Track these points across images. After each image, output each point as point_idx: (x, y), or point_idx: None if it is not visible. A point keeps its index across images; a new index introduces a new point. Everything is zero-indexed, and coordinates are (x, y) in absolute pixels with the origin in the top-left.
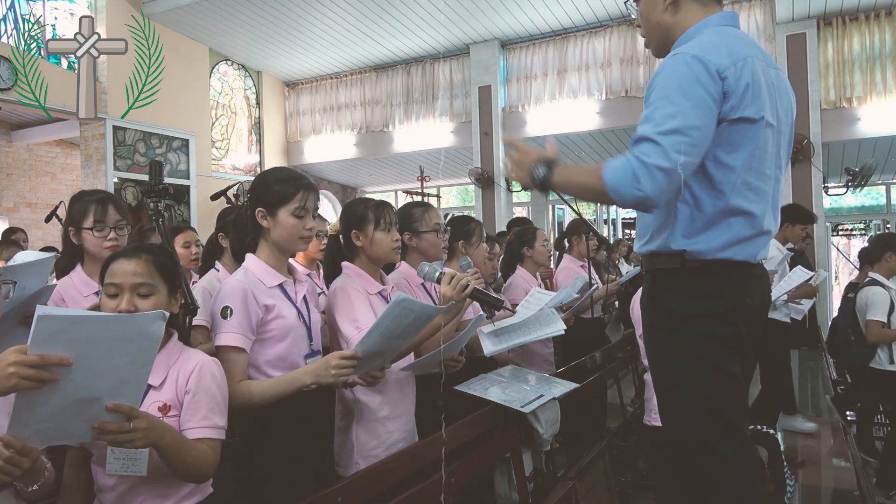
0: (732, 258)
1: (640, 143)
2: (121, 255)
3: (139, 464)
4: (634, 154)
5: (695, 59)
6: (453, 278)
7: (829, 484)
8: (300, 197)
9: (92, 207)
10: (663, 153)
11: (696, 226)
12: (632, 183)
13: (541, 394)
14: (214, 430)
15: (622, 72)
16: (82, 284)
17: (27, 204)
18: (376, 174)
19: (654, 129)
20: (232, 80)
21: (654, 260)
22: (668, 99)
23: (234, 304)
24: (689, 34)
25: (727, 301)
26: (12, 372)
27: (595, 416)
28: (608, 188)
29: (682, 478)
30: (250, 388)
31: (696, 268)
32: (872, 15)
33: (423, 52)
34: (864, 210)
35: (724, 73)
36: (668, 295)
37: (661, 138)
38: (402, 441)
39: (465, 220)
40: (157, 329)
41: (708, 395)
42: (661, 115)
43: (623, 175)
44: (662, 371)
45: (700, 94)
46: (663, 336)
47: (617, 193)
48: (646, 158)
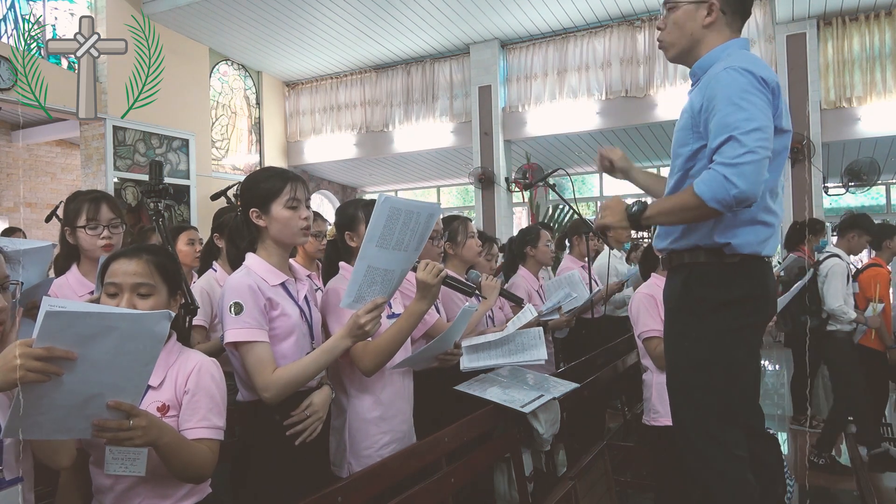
0: (762, 253)
1: (722, 147)
2: (121, 255)
3: (138, 464)
4: (719, 161)
5: (746, 71)
6: (428, 264)
7: (829, 484)
8: (289, 189)
9: (85, 206)
10: (748, 149)
11: (735, 222)
12: (725, 186)
13: (541, 394)
14: (213, 431)
15: (622, 72)
16: (78, 284)
17: (27, 204)
18: (376, 174)
19: (734, 132)
20: (232, 80)
21: (687, 255)
22: (735, 105)
23: (243, 298)
24: (716, 53)
25: (755, 293)
26: (19, 364)
27: (595, 416)
28: (705, 199)
29: (687, 471)
30: (291, 372)
31: (734, 263)
32: (872, 15)
33: (423, 52)
34: (864, 210)
35: (770, 84)
36: (703, 287)
37: (743, 137)
38: (396, 442)
39: (447, 220)
40: (162, 328)
41: (719, 385)
42: (736, 119)
43: (714, 182)
44: (683, 360)
45: (762, 99)
46: (693, 326)
47: (715, 200)
48: (731, 160)
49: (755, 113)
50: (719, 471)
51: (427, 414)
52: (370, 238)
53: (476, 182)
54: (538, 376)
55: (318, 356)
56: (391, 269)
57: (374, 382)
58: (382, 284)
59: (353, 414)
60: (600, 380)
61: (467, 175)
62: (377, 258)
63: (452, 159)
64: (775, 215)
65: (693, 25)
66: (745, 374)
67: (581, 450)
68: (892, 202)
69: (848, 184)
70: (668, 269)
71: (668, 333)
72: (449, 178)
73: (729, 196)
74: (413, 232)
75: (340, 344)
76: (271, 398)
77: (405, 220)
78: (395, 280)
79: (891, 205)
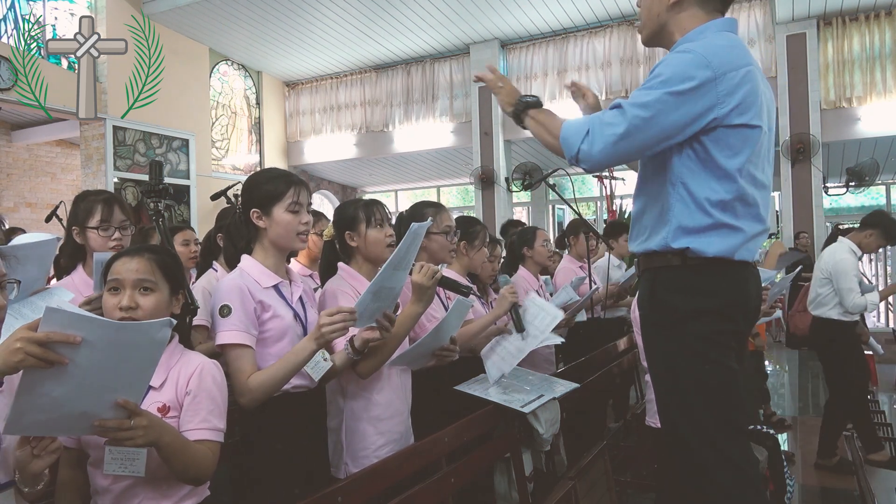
0: (732, 257)
1: (611, 108)
2: (124, 254)
3: (137, 464)
4: (598, 116)
5: (697, 54)
6: (423, 266)
7: (829, 484)
8: (292, 192)
9: (98, 207)
10: (622, 121)
11: (697, 225)
12: (582, 137)
13: (541, 394)
14: (213, 433)
15: (622, 72)
16: (84, 285)
17: (27, 204)
18: (376, 174)
19: (627, 100)
20: (232, 80)
21: (654, 258)
22: (656, 80)
23: (231, 301)
24: (691, 37)
25: (728, 299)
26: (19, 347)
27: (595, 416)
28: (561, 134)
29: (688, 480)
30: (262, 377)
31: (697, 265)
32: (872, 15)
33: (423, 52)
34: (864, 210)
35: (723, 74)
36: (669, 293)
37: (628, 108)
38: (393, 443)
39: (472, 221)
40: (163, 336)
41: (712, 394)
42: (640, 92)
43: (579, 128)
44: (664, 372)
45: (688, 86)
46: (664, 335)
47: (566, 142)
48: (606, 119)
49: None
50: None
51: (426, 414)
52: (393, 264)
53: (476, 182)
54: (538, 376)
55: (286, 360)
56: (393, 286)
57: (371, 383)
58: (383, 300)
59: (349, 415)
60: (600, 380)
61: (467, 175)
62: (389, 279)
63: (452, 159)
64: (750, 217)
65: (658, 7)
66: (733, 379)
67: (581, 450)
68: (892, 202)
69: (848, 184)
70: (638, 273)
71: (647, 349)
72: (449, 178)
73: (574, 147)
74: (414, 250)
75: (307, 346)
76: (246, 403)
77: (413, 241)
78: (393, 295)
79: (891, 205)
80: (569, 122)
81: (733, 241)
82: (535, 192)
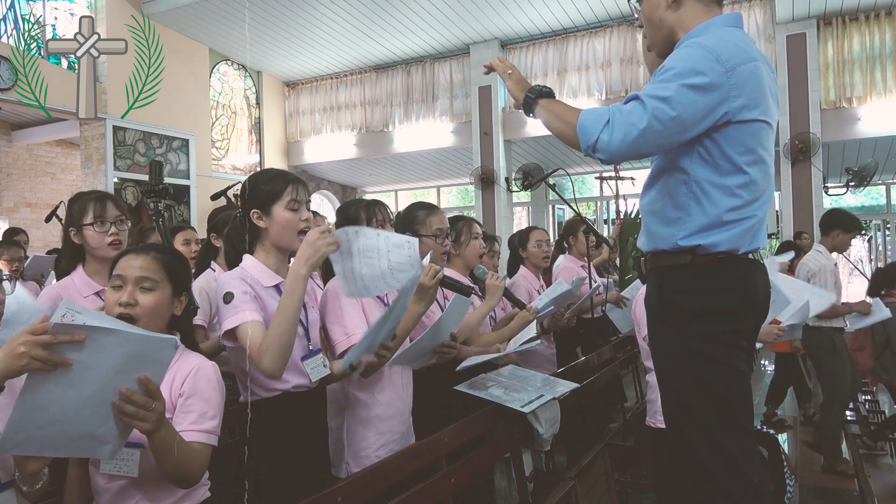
0: (740, 252)
1: (628, 101)
2: (131, 251)
3: (130, 464)
4: (618, 106)
5: (706, 48)
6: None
7: (829, 484)
8: (290, 190)
9: (91, 205)
10: (643, 113)
11: (708, 221)
12: (602, 126)
13: (541, 394)
14: (205, 435)
15: (622, 72)
16: (83, 285)
17: (27, 204)
18: (376, 174)
19: (644, 93)
20: (232, 80)
21: (663, 257)
22: (669, 73)
23: (232, 287)
24: (696, 32)
25: (735, 296)
26: (23, 351)
27: (595, 416)
28: (578, 122)
29: (691, 480)
30: (269, 335)
31: (705, 263)
32: (872, 15)
33: (423, 52)
34: (864, 210)
35: (733, 69)
36: (676, 293)
37: (647, 100)
38: (394, 442)
39: (453, 220)
40: (167, 354)
41: (718, 396)
42: (656, 86)
43: (598, 117)
44: (671, 371)
45: (701, 80)
46: (671, 335)
47: (583, 130)
48: (626, 109)
49: (680, 87)
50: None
51: (427, 413)
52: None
53: (476, 182)
54: (538, 376)
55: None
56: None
57: (372, 383)
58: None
59: (350, 414)
60: (600, 379)
61: (467, 175)
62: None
63: (452, 159)
64: (757, 211)
65: (659, 13)
66: (741, 379)
67: (581, 450)
68: (892, 202)
69: (849, 184)
70: (646, 272)
71: (654, 349)
72: (449, 178)
73: (593, 136)
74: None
75: (300, 272)
76: (268, 366)
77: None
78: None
79: (891, 205)
80: (587, 111)
81: (741, 228)
82: (534, 192)
